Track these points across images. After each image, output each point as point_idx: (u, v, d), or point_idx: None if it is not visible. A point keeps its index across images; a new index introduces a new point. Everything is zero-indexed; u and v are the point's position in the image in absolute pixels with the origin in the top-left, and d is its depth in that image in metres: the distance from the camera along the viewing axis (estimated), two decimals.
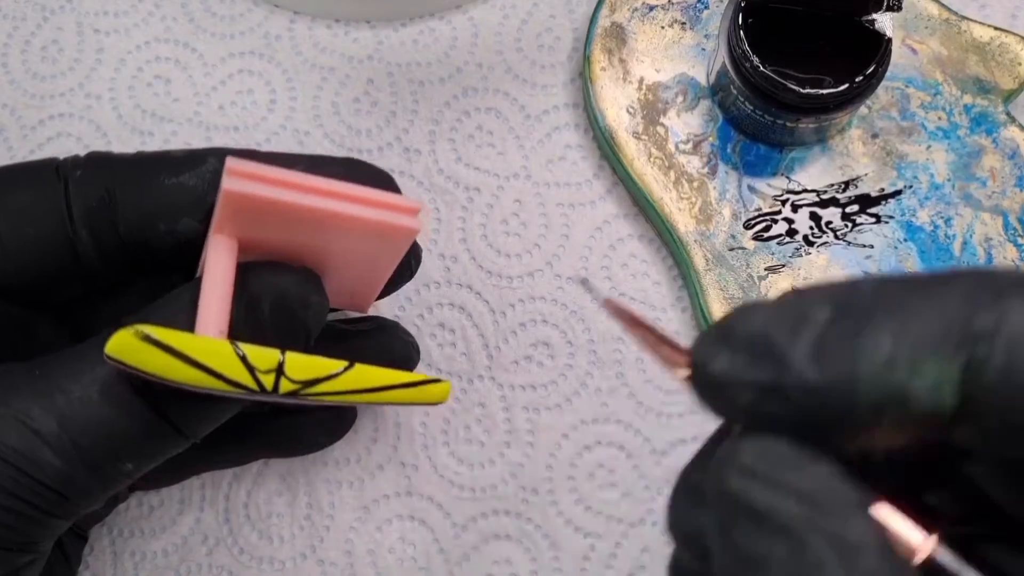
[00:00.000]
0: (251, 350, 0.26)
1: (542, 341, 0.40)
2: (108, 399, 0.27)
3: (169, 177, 0.30)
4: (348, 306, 0.33)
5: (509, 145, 0.42)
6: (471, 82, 0.42)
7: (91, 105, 0.42)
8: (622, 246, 0.41)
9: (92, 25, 0.43)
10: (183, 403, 0.28)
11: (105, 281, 0.31)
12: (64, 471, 0.27)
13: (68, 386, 0.27)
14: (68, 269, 0.30)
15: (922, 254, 0.39)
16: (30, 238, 0.29)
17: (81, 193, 0.30)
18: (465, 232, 0.41)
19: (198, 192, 0.30)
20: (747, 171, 0.40)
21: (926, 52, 0.40)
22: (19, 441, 0.27)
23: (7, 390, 0.27)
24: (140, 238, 0.30)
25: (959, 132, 0.40)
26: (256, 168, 0.26)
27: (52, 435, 0.27)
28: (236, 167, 0.26)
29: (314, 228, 0.27)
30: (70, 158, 0.31)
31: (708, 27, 0.41)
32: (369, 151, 0.42)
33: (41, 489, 0.27)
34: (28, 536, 0.28)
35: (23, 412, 0.27)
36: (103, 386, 0.27)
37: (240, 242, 0.27)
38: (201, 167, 0.30)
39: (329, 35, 0.43)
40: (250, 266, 0.28)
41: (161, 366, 0.25)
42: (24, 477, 0.27)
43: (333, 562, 0.38)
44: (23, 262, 0.30)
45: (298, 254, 0.29)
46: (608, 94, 0.40)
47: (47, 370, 0.28)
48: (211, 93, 0.42)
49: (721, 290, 0.39)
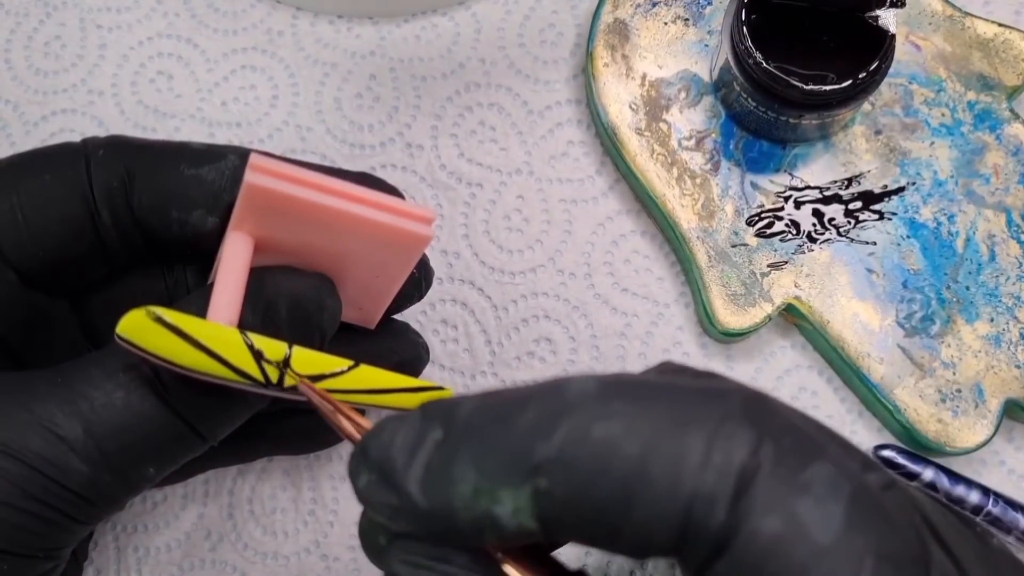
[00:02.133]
0: (259, 339, 0.26)
1: (545, 337, 0.40)
2: (130, 404, 0.27)
3: (188, 167, 0.30)
4: (357, 319, 0.33)
5: (512, 141, 0.42)
6: (474, 78, 0.42)
7: (94, 101, 0.42)
8: (624, 242, 0.41)
9: (95, 21, 0.43)
10: (201, 405, 0.28)
11: (125, 262, 0.31)
12: (91, 477, 0.27)
13: (91, 392, 0.27)
14: (91, 249, 0.30)
15: (925, 251, 0.39)
16: (54, 218, 0.29)
17: (102, 172, 0.30)
18: (468, 228, 0.41)
19: (215, 187, 0.30)
20: (750, 167, 0.40)
21: (930, 48, 0.40)
22: (46, 448, 0.27)
23: (31, 397, 0.27)
24: (152, 223, 0.30)
25: (962, 129, 0.40)
26: (279, 166, 0.26)
27: (78, 441, 0.27)
28: (260, 163, 0.26)
29: (330, 230, 0.27)
30: (91, 138, 0.30)
31: (711, 23, 0.41)
32: (371, 147, 0.42)
33: (69, 495, 0.27)
34: (55, 542, 0.28)
35: (48, 419, 0.27)
36: (126, 392, 0.27)
37: (257, 242, 0.28)
38: (221, 162, 0.30)
39: (332, 31, 0.43)
40: (267, 270, 0.28)
41: (170, 349, 0.25)
42: (53, 484, 0.27)
43: (337, 557, 0.38)
44: (48, 243, 0.29)
45: (312, 259, 0.29)
46: (611, 90, 0.40)
47: (68, 377, 0.27)
48: (214, 89, 0.42)
49: (723, 287, 0.39)
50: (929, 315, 0.38)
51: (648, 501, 0.19)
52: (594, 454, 0.19)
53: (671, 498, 0.19)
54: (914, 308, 0.38)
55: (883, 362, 0.38)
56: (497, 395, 0.21)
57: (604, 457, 0.19)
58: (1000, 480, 0.39)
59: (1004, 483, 0.39)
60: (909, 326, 0.38)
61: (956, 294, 0.38)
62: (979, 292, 0.38)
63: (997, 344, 0.38)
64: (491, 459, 0.20)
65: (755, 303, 0.39)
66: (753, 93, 0.37)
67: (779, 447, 0.19)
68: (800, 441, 0.19)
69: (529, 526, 0.20)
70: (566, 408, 0.20)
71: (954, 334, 0.38)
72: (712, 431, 0.19)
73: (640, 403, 0.20)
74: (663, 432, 0.19)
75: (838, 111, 0.36)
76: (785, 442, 0.19)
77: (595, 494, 0.19)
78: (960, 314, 0.38)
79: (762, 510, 0.19)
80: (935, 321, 0.38)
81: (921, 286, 0.39)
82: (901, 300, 0.39)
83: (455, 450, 0.21)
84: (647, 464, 0.19)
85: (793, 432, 0.19)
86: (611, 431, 0.19)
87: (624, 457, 0.19)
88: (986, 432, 0.37)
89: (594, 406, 0.20)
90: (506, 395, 0.21)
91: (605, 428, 0.19)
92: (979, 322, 0.38)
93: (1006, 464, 0.39)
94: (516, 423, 0.20)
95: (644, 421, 0.19)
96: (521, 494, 0.20)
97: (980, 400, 0.38)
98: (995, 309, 0.38)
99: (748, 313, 0.38)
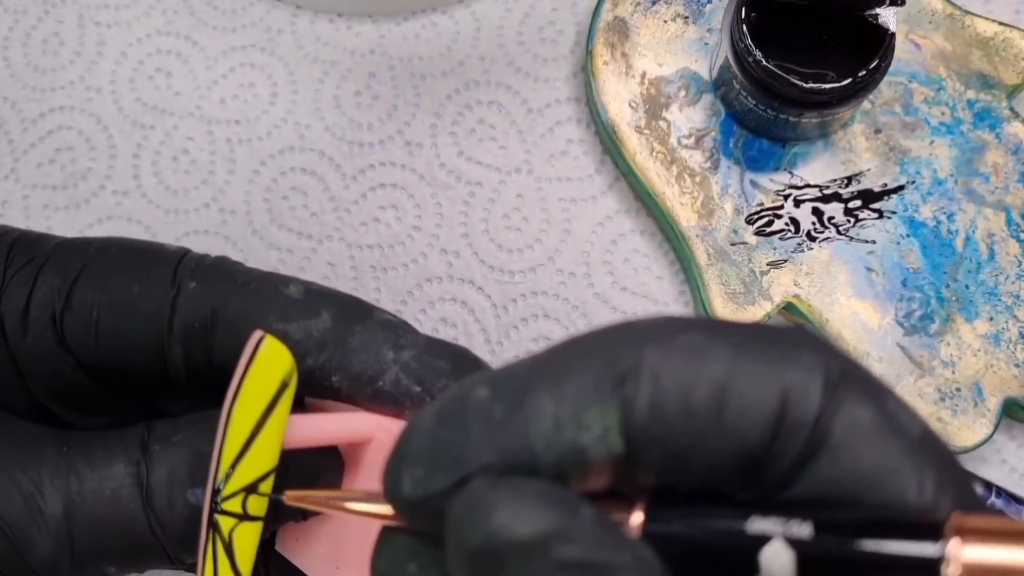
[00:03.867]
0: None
1: (544, 336, 0.40)
2: (117, 499, 0.26)
3: (277, 321, 0.28)
4: None
5: (511, 139, 0.42)
6: (473, 76, 0.42)
7: (92, 98, 0.42)
8: (624, 241, 0.41)
9: (93, 18, 0.43)
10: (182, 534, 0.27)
11: (188, 392, 0.30)
12: (53, 557, 0.26)
13: (85, 473, 0.26)
14: (154, 373, 0.29)
15: (924, 250, 0.39)
16: (124, 333, 0.28)
17: (187, 309, 0.28)
18: (467, 227, 0.41)
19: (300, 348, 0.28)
20: (749, 166, 0.40)
21: (930, 47, 0.40)
22: (21, 515, 0.26)
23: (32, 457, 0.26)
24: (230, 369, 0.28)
25: (962, 127, 0.40)
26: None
27: (54, 518, 0.26)
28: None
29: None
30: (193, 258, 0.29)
31: (711, 21, 0.41)
32: (370, 144, 0.42)
33: (25, 569, 0.26)
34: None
35: (36, 486, 0.26)
36: (117, 485, 0.26)
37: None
38: (311, 321, 0.28)
39: (331, 29, 0.43)
40: None
41: None
42: (14, 554, 0.26)
43: None
44: (110, 351, 0.28)
45: None
46: (610, 88, 0.40)
47: (73, 449, 0.27)
48: (212, 87, 0.42)
49: (723, 285, 0.39)
50: (928, 314, 0.38)
51: (740, 396, 0.19)
52: (683, 354, 0.19)
53: (765, 392, 0.19)
54: (913, 307, 0.38)
55: (882, 361, 0.38)
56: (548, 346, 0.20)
57: (693, 358, 0.19)
58: (1002, 478, 0.39)
59: (1006, 481, 0.39)
60: (908, 325, 0.38)
61: (955, 293, 0.38)
62: (978, 291, 0.38)
63: (996, 343, 0.38)
64: (573, 383, 0.19)
65: (754, 301, 0.38)
66: (753, 91, 0.37)
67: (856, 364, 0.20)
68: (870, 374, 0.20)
69: (617, 448, 0.19)
70: (644, 327, 0.20)
71: (953, 333, 0.38)
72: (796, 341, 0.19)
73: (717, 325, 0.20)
74: (749, 339, 0.19)
75: (838, 109, 0.36)
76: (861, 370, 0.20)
77: (686, 395, 0.19)
78: (959, 313, 0.38)
79: (856, 402, 0.19)
80: (934, 320, 0.38)
81: (920, 285, 0.39)
82: (900, 299, 0.39)
83: (522, 389, 0.19)
84: (737, 363, 0.19)
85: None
86: (695, 338, 0.19)
87: (713, 357, 0.19)
88: (985, 431, 0.37)
89: (674, 323, 0.20)
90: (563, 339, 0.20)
91: (689, 336, 0.19)
92: (978, 321, 0.38)
93: (1008, 463, 0.39)
94: (593, 346, 0.19)
95: (727, 332, 0.19)
96: (609, 411, 0.19)
97: (979, 399, 0.37)
98: (994, 308, 0.38)
99: (747, 311, 0.38)
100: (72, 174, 0.42)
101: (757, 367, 0.19)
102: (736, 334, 0.19)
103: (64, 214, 0.41)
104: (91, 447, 0.27)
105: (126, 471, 0.26)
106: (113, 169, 0.42)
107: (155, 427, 0.27)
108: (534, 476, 0.19)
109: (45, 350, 0.28)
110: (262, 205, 0.41)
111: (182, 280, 0.29)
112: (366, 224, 0.41)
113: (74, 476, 0.26)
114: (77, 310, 0.28)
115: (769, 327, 0.20)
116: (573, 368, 0.19)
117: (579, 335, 0.20)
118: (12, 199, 0.42)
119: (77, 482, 0.26)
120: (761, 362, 0.19)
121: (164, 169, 0.42)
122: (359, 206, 0.41)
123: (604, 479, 0.20)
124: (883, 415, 0.19)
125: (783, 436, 0.19)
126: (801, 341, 0.19)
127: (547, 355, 0.20)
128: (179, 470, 0.26)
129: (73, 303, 0.28)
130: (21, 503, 0.26)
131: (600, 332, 0.20)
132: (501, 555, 0.18)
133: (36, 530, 0.26)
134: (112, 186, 0.42)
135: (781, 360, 0.19)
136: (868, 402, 0.19)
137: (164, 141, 0.42)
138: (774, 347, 0.19)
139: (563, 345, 0.20)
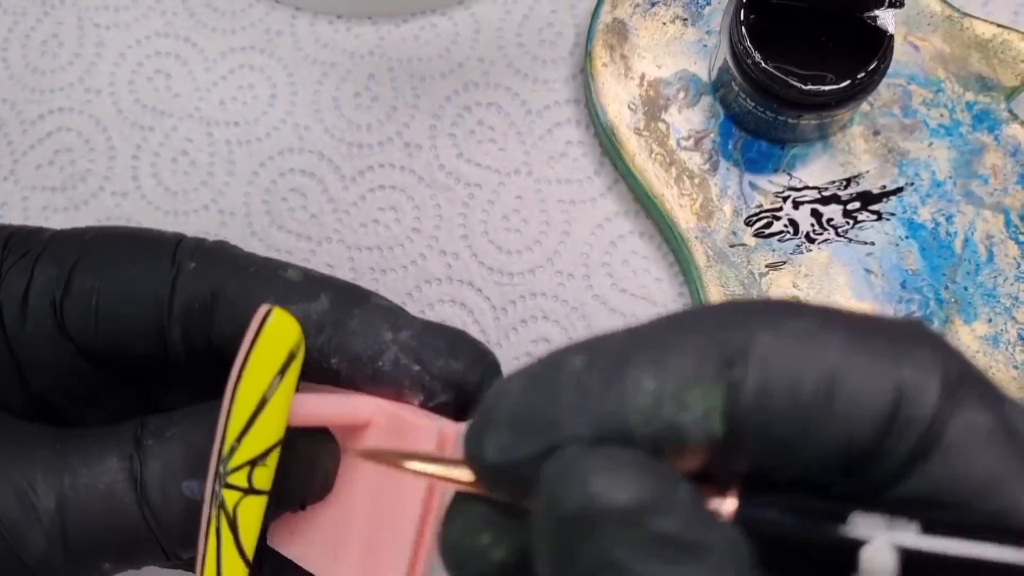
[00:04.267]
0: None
1: (543, 337, 0.40)
2: (110, 495, 0.26)
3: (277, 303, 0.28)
4: None
5: (510, 141, 0.42)
6: (472, 77, 0.42)
7: (91, 100, 0.42)
8: (623, 243, 0.41)
9: (92, 19, 0.43)
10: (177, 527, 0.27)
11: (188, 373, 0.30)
12: (47, 553, 0.26)
13: (79, 469, 0.26)
14: (154, 355, 0.29)
15: (923, 251, 0.39)
16: (124, 317, 0.28)
17: (187, 289, 0.28)
18: (466, 228, 0.41)
19: None
20: (748, 168, 0.40)
21: (928, 49, 0.40)
22: (14, 511, 0.26)
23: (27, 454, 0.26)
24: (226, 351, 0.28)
25: (961, 129, 0.40)
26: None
27: (47, 514, 0.26)
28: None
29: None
30: (188, 240, 0.29)
31: (710, 23, 0.41)
32: (369, 146, 0.42)
33: (18, 565, 0.26)
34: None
35: (30, 482, 0.26)
36: (110, 479, 0.26)
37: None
38: (309, 304, 0.28)
39: (330, 31, 0.43)
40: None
41: None
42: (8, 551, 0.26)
43: None
44: (110, 336, 0.28)
45: None
46: (609, 90, 0.40)
47: (67, 445, 0.27)
48: (211, 88, 0.42)
49: (722, 287, 0.39)
50: (927, 315, 0.38)
51: (852, 388, 0.18)
52: (795, 340, 0.18)
53: (879, 386, 0.18)
54: (912, 308, 0.39)
55: None
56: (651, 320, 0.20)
57: (805, 345, 0.18)
58: None
59: None
60: None
61: (954, 294, 0.38)
62: (977, 293, 0.38)
63: (995, 345, 0.38)
64: (677, 360, 0.18)
65: None
66: (752, 93, 0.37)
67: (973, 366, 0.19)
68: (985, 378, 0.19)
69: (716, 431, 0.18)
70: (754, 308, 0.19)
71: (952, 334, 0.38)
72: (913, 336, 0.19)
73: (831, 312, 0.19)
74: (864, 330, 0.19)
75: (837, 111, 0.37)
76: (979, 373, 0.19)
77: (796, 383, 0.18)
78: (958, 315, 0.38)
79: (974, 405, 0.18)
80: (933, 321, 0.38)
81: (919, 286, 0.39)
82: (899, 300, 0.39)
83: (621, 361, 0.19)
84: (850, 353, 0.18)
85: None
86: (808, 324, 0.19)
87: (826, 345, 0.18)
88: None
89: (785, 307, 0.19)
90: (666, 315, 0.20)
91: (802, 322, 0.19)
92: (977, 323, 0.38)
93: None
94: (700, 325, 0.19)
95: (841, 321, 0.19)
96: (714, 393, 0.18)
97: None
98: (993, 310, 0.38)
99: None
100: (71, 176, 0.42)
101: (871, 359, 0.18)
102: (850, 323, 0.19)
103: (63, 215, 0.41)
104: (85, 443, 0.27)
105: (119, 466, 0.26)
106: (112, 171, 0.42)
107: (148, 422, 0.27)
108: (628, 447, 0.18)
109: (45, 338, 0.28)
110: (261, 207, 0.41)
111: (181, 261, 0.28)
112: (365, 225, 0.41)
113: (67, 472, 0.26)
114: (76, 296, 0.28)
115: (885, 318, 0.19)
116: (675, 344, 0.19)
117: (681, 311, 0.19)
118: (11, 200, 0.42)
119: (70, 477, 0.26)
120: (876, 354, 0.18)
121: (163, 171, 0.42)
122: (358, 207, 0.41)
123: (696, 461, 0.19)
124: (1001, 421, 0.18)
125: (895, 433, 0.18)
126: (919, 337, 0.19)
127: (647, 328, 0.19)
128: (173, 464, 0.26)
129: (72, 289, 0.28)
130: (14, 499, 0.26)
131: (705, 310, 0.19)
132: (594, 523, 0.18)
133: (29, 526, 0.26)
134: (111, 187, 0.42)
135: (897, 354, 0.18)
136: (986, 407, 0.18)
137: (163, 143, 0.42)
138: (889, 340, 0.19)
139: (664, 320, 0.19)
